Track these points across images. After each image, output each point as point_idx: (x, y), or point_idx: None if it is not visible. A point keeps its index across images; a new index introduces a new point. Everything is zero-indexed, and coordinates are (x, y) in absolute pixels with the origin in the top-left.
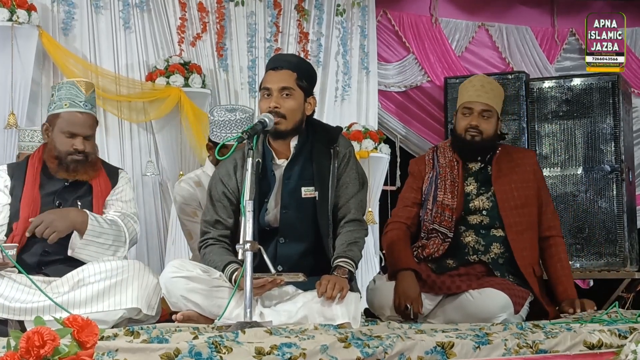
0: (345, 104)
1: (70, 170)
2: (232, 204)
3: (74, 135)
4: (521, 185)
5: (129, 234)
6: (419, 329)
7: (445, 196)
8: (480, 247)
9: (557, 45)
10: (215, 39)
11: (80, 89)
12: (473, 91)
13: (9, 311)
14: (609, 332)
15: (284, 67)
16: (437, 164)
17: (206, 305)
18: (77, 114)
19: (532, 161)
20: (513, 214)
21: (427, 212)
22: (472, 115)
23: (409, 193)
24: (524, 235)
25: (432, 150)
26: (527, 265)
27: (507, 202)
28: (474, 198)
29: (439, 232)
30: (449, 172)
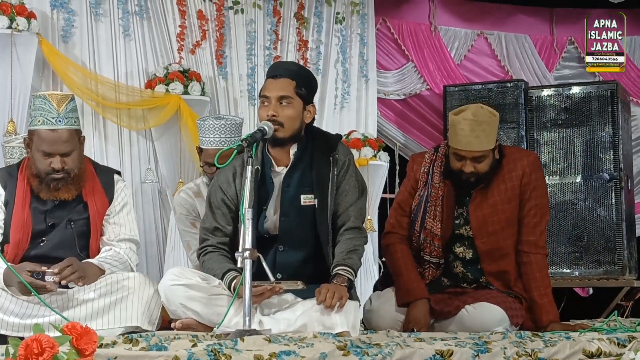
0: (344, 111)
1: (52, 189)
2: (231, 211)
3: (49, 154)
4: (502, 207)
5: (134, 265)
6: (418, 337)
7: (434, 225)
8: (469, 276)
9: (556, 53)
10: (215, 46)
11: (52, 104)
12: (463, 137)
13: (8, 327)
14: (608, 340)
15: (283, 75)
16: (430, 182)
17: (205, 313)
18: (49, 132)
19: (522, 172)
20: (490, 241)
21: (414, 233)
22: (464, 161)
23: (407, 197)
24: (504, 260)
25: (430, 160)
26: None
27: (483, 229)
28: (460, 226)
29: (431, 263)
30: (440, 196)
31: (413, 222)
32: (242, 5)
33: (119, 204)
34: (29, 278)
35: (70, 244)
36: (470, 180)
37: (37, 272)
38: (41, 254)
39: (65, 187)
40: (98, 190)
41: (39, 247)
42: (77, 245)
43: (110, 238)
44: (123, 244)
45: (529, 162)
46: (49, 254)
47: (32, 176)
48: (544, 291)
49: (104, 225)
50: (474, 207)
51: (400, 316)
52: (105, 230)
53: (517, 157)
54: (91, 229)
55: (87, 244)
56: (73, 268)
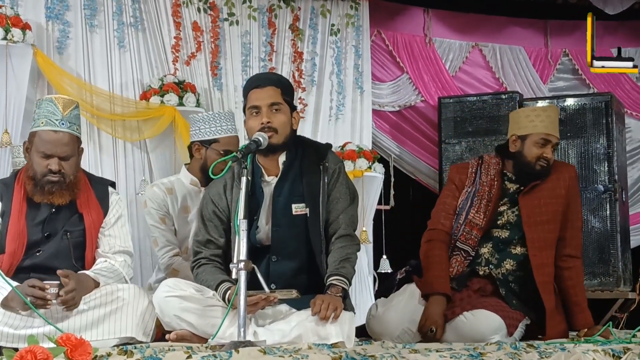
0: (339, 123)
1: (46, 192)
2: (223, 223)
3: (49, 156)
4: (549, 200)
5: (128, 279)
6: (413, 349)
7: (477, 215)
8: (493, 259)
9: (550, 65)
10: (210, 58)
11: (58, 106)
12: (549, 123)
13: (2, 337)
14: (603, 352)
15: (267, 84)
16: (478, 180)
17: (200, 324)
18: (51, 132)
19: (569, 176)
20: (537, 229)
21: (457, 226)
22: (547, 147)
23: (452, 200)
24: (545, 252)
25: (476, 163)
26: (546, 282)
27: (532, 217)
28: (503, 215)
29: (462, 250)
30: (487, 191)
31: (458, 215)
32: (237, 17)
33: (114, 216)
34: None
35: (65, 254)
36: (543, 169)
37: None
38: (36, 264)
39: (59, 191)
40: (93, 202)
41: (35, 257)
42: (72, 255)
43: (105, 250)
44: (118, 256)
45: (573, 170)
46: (44, 264)
47: (27, 179)
48: (585, 296)
49: (99, 237)
50: (523, 196)
51: (404, 323)
52: (100, 242)
53: (563, 164)
54: (87, 241)
55: (82, 254)
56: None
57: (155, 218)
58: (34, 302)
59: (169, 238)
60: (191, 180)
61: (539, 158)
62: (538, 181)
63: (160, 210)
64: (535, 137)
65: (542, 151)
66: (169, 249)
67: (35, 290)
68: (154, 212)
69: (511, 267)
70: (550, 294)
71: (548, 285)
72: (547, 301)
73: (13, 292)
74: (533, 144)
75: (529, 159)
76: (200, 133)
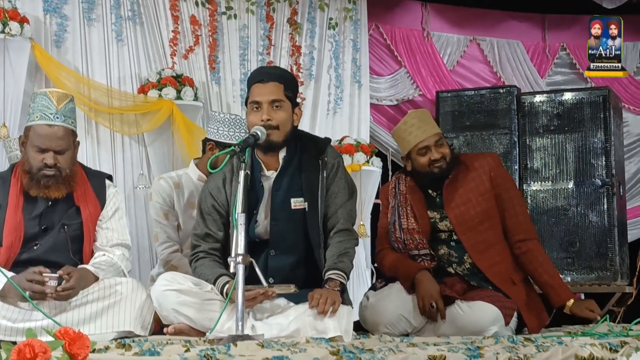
0: (337, 117)
1: (42, 186)
2: (222, 217)
3: (44, 150)
4: (476, 200)
5: (126, 272)
6: (410, 342)
7: (409, 222)
8: (453, 258)
9: (548, 59)
10: (208, 51)
11: (52, 100)
12: (415, 130)
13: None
14: (600, 345)
15: (270, 79)
16: (398, 192)
17: (198, 318)
18: (46, 127)
19: (489, 167)
20: (472, 235)
21: (397, 240)
22: (429, 151)
23: (385, 220)
24: (489, 252)
25: (395, 179)
26: (502, 279)
27: (463, 224)
28: (439, 223)
29: (422, 255)
30: (409, 198)
31: (391, 231)
32: (235, 11)
33: (111, 209)
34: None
35: (63, 248)
36: (442, 169)
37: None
38: (34, 258)
39: (55, 185)
40: (90, 195)
41: (32, 250)
42: (70, 249)
43: (103, 243)
44: (116, 249)
45: (493, 158)
46: (41, 258)
47: (23, 173)
48: (553, 272)
49: (96, 230)
50: (447, 205)
51: (399, 311)
52: (98, 235)
53: (479, 156)
54: (84, 234)
55: (80, 248)
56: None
57: (158, 213)
58: (32, 295)
59: (169, 234)
60: (199, 176)
61: (430, 164)
62: (447, 180)
63: (165, 205)
64: (414, 151)
65: (428, 157)
66: (169, 245)
67: (34, 285)
68: (158, 207)
69: (472, 260)
70: (512, 288)
71: (505, 281)
72: (513, 296)
73: (9, 285)
74: (416, 157)
75: (423, 169)
76: (218, 134)
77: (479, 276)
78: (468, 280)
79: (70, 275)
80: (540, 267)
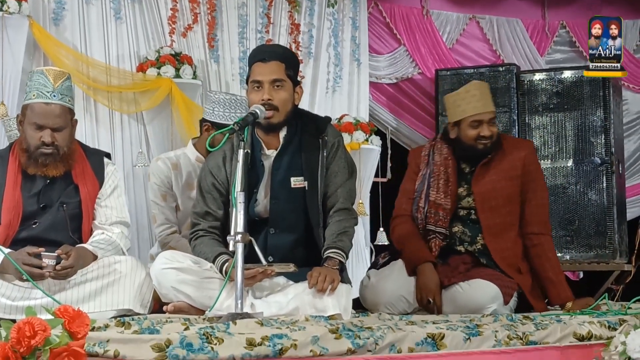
0: (336, 95)
1: (39, 165)
2: (222, 196)
3: (41, 127)
4: (504, 184)
5: (125, 250)
6: (409, 321)
7: (437, 195)
8: (466, 237)
9: (547, 37)
10: (207, 30)
11: (48, 78)
12: (475, 102)
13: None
14: (599, 323)
15: (272, 58)
16: (431, 161)
17: (197, 296)
18: (43, 105)
19: (525, 154)
20: (492, 215)
21: (419, 209)
22: (481, 126)
23: (410, 185)
24: (502, 236)
25: (430, 145)
26: (509, 265)
27: (485, 202)
28: (463, 199)
29: (436, 233)
30: (443, 170)
31: (417, 199)
32: None
33: (110, 187)
34: (27, 267)
35: (62, 226)
36: (486, 147)
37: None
38: (33, 236)
39: (53, 163)
40: (88, 173)
41: (31, 229)
42: (69, 227)
43: (102, 222)
44: (115, 227)
45: (529, 146)
46: (41, 236)
47: (21, 151)
48: (559, 270)
49: (95, 208)
50: (476, 182)
51: (400, 291)
52: (97, 213)
53: (517, 141)
54: (83, 212)
55: (79, 226)
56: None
57: (156, 194)
58: (30, 272)
59: (167, 216)
60: (197, 157)
61: (477, 138)
62: (485, 159)
63: (163, 187)
64: (467, 121)
65: (478, 131)
66: (167, 227)
67: (32, 269)
68: (156, 188)
69: (484, 242)
70: (518, 275)
71: (511, 267)
72: (520, 280)
73: (7, 261)
74: (467, 127)
75: (468, 142)
76: (213, 114)
77: (489, 256)
78: (478, 257)
79: (68, 254)
80: (547, 263)
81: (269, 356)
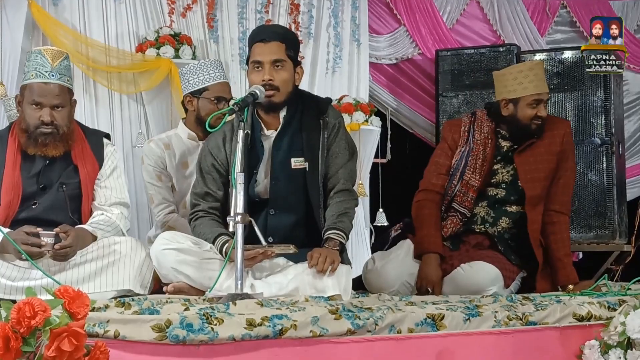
0: (336, 76)
1: (39, 144)
2: (222, 176)
3: (40, 105)
4: (545, 157)
5: (125, 231)
6: (409, 301)
7: (472, 176)
8: (489, 218)
9: (548, 17)
10: (206, 10)
11: (47, 58)
12: (538, 81)
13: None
14: (599, 304)
15: (272, 38)
16: (472, 139)
17: (197, 277)
18: (42, 84)
19: (564, 132)
20: (534, 186)
21: (451, 186)
22: (539, 105)
23: (444, 160)
24: (538, 208)
25: (469, 120)
26: (535, 238)
27: (528, 174)
28: (497, 174)
29: (458, 212)
30: (482, 150)
31: (452, 176)
32: None
33: (109, 167)
34: (26, 246)
35: (62, 207)
36: (539, 127)
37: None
38: (33, 217)
39: (52, 143)
40: (88, 154)
41: (31, 209)
42: (68, 208)
43: (102, 202)
44: (115, 208)
45: (568, 126)
46: (40, 217)
47: (20, 132)
48: (569, 252)
49: (94, 189)
50: (519, 154)
51: (403, 277)
52: (96, 194)
53: (556, 120)
54: (82, 193)
55: (78, 207)
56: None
57: (152, 175)
58: (28, 250)
59: (164, 195)
60: (189, 134)
61: (534, 118)
62: (534, 139)
63: (157, 167)
64: (528, 99)
65: (536, 111)
66: (165, 207)
67: (31, 247)
68: (151, 170)
69: (507, 225)
70: (539, 249)
71: (536, 241)
72: (539, 256)
73: (7, 240)
74: (526, 105)
75: (524, 121)
76: (189, 85)
77: (506, 241)
78: (497, 242)
79: (67, 233)
80: (560, 242)
81: (269, 337)
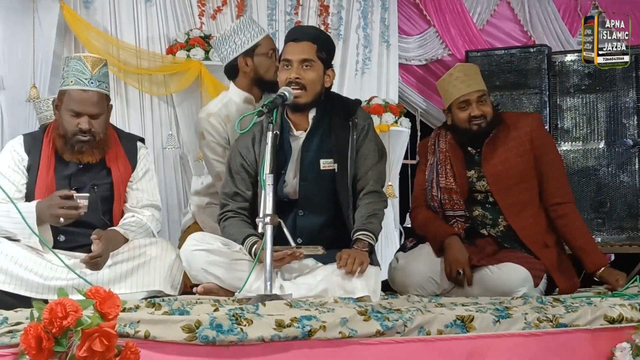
0: (365, 77)
1: (75, 151)
2: (251, 177)
3: (78, 114)
4: (515, 161)
5: (156, 233)
6: (438, 303)
7: (447, 181)
8: (487, 220)
9: (579, 18)
10: (236, 12)
11: (86, 65)
12: (459, 84)
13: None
14: (630, 306)
15: (304, 38)
16: (437, 149)
17: (226, 277)
18: (81, 92)
19: (531, 128)
20: (508, 195)
21: (433, 198)
22: (470, 106)
23: (422, 176)
24: (523, 214)
25: (435, 135)
26: (534, 241)
27: (499, 184)
28: (476, 182)
29: (457, 216)
30: (450, 156)
31: (428, 189)
32: None
33: (142, 170)
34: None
35: (93, 208)
36: (481, 127)
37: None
38: None
39: (89, 150)
40: (121, 157)
41: None
42: (100, 209)
43: (133, 204)
44: (146, 210)
45: (535, 119)
46: None
47: (58, 137)
48: (589, 237)
49: (127, 191)
50: (486, 164)
51: (428, 273)
52: (128, 196)
53: (521, 116)
54: (114, 194)
55: (110, 208)
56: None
57: (216, 151)
58: (67, 214)
59: None
60: (245, 98)
61: (469, 119)
62: (488, 138)
63: (222, 142)
64: (455, 103)
65: (468, 112)
66: None
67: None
68: (215, 145)
69: (506, 223)
70: (543, 251)
71: (537, 243)
72: (544, 259)
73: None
74: (456, 111)
75: (463, 125)
76: (238, 46)
77: (512, 239)
78: (501, 242)
79: (100, 240)
80: (576, 231)
81: (297, 337)
